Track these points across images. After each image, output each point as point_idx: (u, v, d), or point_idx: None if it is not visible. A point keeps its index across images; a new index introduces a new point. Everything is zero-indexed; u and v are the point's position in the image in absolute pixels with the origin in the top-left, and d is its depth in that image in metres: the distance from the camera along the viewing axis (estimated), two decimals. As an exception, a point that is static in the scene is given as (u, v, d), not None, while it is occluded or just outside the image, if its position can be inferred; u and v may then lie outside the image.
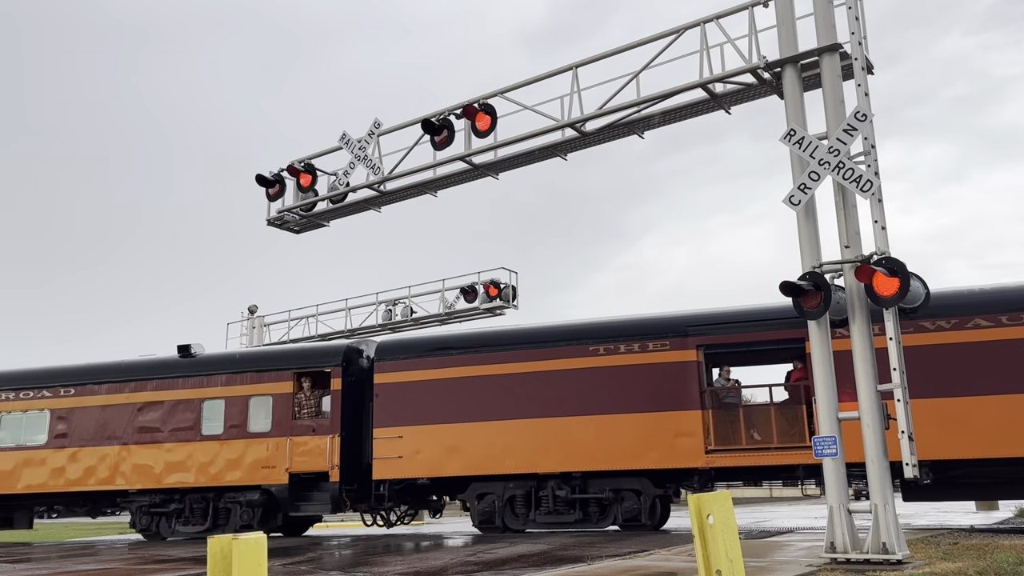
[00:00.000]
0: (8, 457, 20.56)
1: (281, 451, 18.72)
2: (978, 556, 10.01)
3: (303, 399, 19.09)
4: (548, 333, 18.07)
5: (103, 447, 20.04)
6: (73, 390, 20.75)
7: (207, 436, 19.43)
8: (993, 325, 14.78)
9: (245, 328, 30.18)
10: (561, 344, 17.57)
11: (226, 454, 19.20)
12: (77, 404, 20.62)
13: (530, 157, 14.60)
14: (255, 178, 16.47)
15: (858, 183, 10.10)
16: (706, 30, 12.34)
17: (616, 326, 17.56)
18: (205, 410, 19.67)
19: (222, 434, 19.39)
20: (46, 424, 20.55)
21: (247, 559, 4.74)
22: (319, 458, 18.40)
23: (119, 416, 20.21)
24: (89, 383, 20.70)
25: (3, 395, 21.16)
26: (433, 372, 18.34)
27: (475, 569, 11.52)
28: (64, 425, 20.44)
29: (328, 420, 18.70)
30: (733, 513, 6.90)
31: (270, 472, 18.77)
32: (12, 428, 20.86)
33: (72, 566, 14.26)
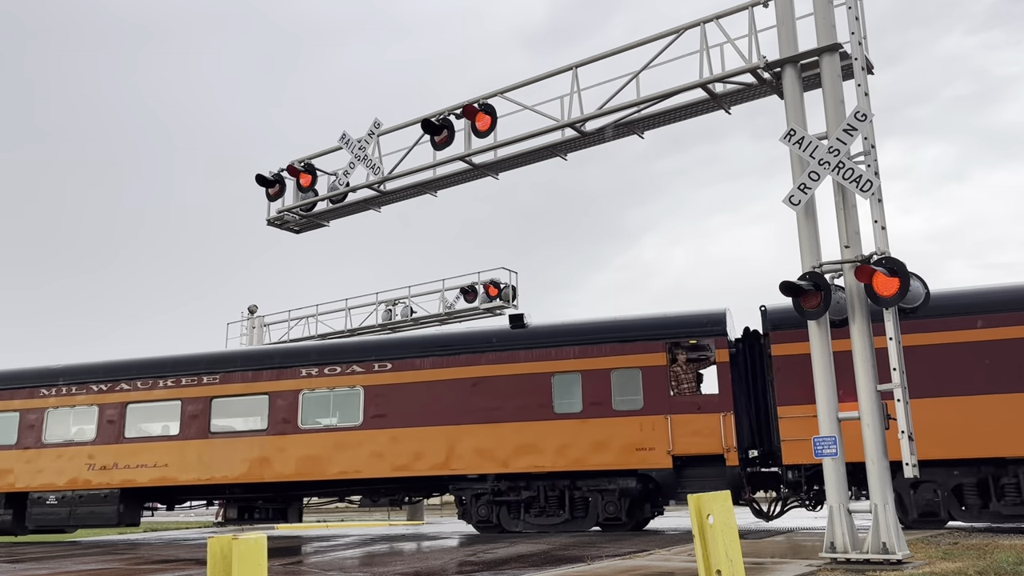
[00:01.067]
0: (318, 440, 18.57)
1: (660, 431, 16.63)
2: (978, 556, 10.01)
3: (679, 372, 17.13)
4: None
5: (431, 427, 17.84)
6: (389, 364, 18.58)
7: (562, 414, 17.22)
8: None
9: (245, 328, 30.21)
10: None
11: (588, 434, 16.96)
12: (396, 380, 18.49)
13: (530, 157, 14.61)
14: (255, 178, 16.48)
15: (858, 183, 10.10)
16: (706, 30, 12.35)
17: None
18: (556, 385, 17.57)
19: (581, 412, 17.17)
20: (359, 403, 18.51)
21: (247, 559, 4.74)
22: (710, 439, 16.36)
23: (449, 393, 18.06)
24: (410, 357, 18.61)
25: (305, 371, 19.18)
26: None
27: (475, 569, 11.52)
28: (381, 404, 18.34)
29: (717, 396, 16.68)
30: (733, 513, 6.91)
31: (647, 455, 16.56)
32: (317, 407, 19.01)
33: (72, 566, 14.26)
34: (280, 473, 18.58)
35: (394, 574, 11.25)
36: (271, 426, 18.85)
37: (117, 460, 19.72)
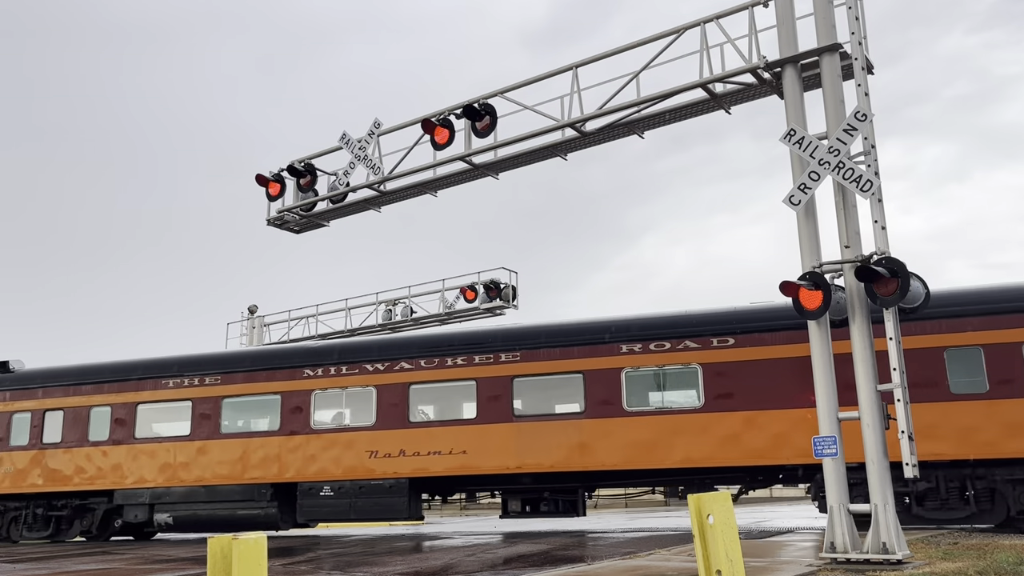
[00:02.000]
0: (651, 423, 16.29)
1: None
2: (978, 556, 10.01)
3: None
4: None
5: (794, 409, 15.20)
6: (731, 340, 16.15)
7: (960, 395, 14.59)
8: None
9: (245, 328, 30.19)
10: None
11: (997, 416, 14.29)
12: (740, 357, 16.17)
13: (530, 157, 14.61)
14: (255, 178, 16.48)
15: (858, 183, 10.10)
16: (706, 30, 12.35)
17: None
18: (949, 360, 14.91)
19: (987, 392, 14.49)
20: (699, 382, 16.27)
21: (247, 559, 4.74)
22: None
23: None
24: (758, 330, 16.07)
25: (626, 347, 16.80)
26: None
27: (475, 569, 11.52)
28: (724, 382, 16.07)
29: None
30: (733, 513, 6.91)
31: None
32: (642, 387, 16.75)
33: (72, 566, 14.26)
34: (602, 462, 16.41)
35: (394, 574, 11.25)
36: (589, 408, 16.64)
37: (404, 447, 17.65)
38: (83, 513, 20.32)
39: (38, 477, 20.35)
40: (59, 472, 20.24)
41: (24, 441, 20.80)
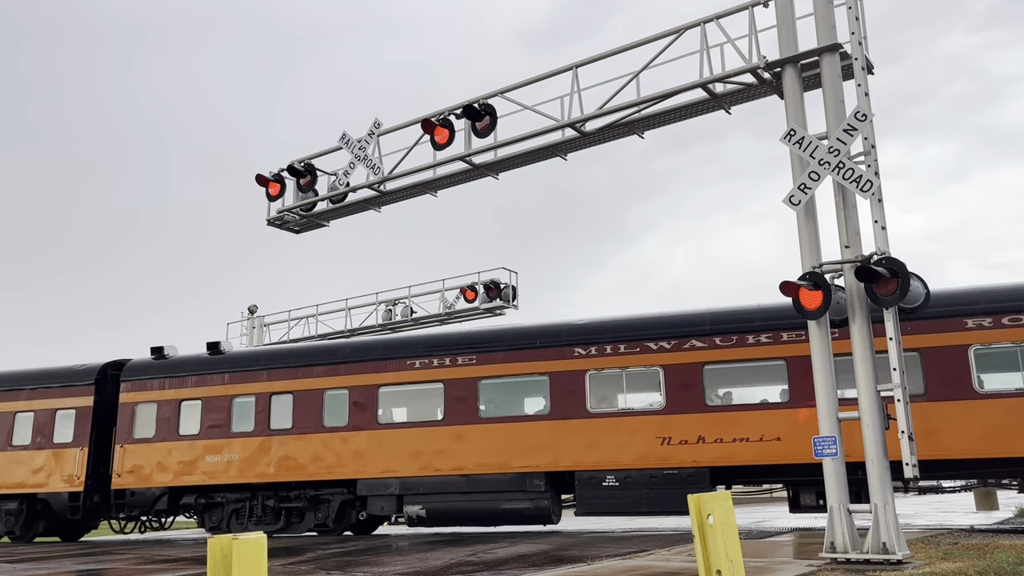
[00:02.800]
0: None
1: None
2: (978, 556, 10.01)
3: None
4: None
5: None
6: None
7: None
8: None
9: (245, 328, 30.19)
10: None
11: None
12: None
13: (530, 157, 14.61)
14: (255, 178, 16.49)
15: (858, 183, 10.10)
16: (706, 30, 12.35)
17: None
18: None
19: None
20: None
21: (247, 559, 4.74)
22: None
23: None
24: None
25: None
26: None
27: (475, 569, 11.52)
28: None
29: None
30: (733, 513, 6.90)
31: None
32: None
33: (72, 566, 14.26)
34: (950, 448, 14.34)
35: (394, 573, 11.25)
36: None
37: (702, 432, 16.08)
38: (317, 505, 18.97)
39: (268, 466, 19.01)
40: (292, 460, 18.87)
41: (249, 427, 19.48)
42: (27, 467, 21.01)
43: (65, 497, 20.59)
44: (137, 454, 20.22)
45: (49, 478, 20.74)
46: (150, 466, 20.00)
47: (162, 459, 19.96)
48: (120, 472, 20.17)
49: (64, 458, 20.78)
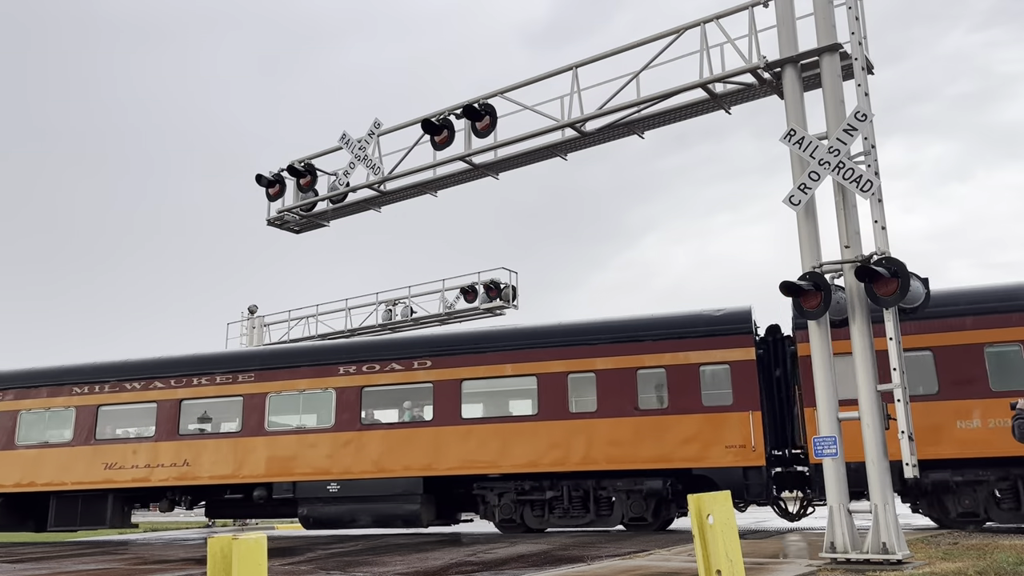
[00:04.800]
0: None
1: None
2: (978, 556, 10.01)
3: None
4: None
5: None
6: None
7: None
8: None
9: (245, 328, 30.20)
10: None
11: None
12: None
13: (530, 157, 14.61)
14: (255, 178, 16.50)
15: (858, 183, 10.10)
16: (706, 30, 12.35)
17: None
18: None
19: None
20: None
21: (247, 559, 4.74)
22: None
23: None
24: None
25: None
26: None
27: (475, 569, 11.52)
28: None
29: None
30: (733, 513, 6.91)
31: None
32: None
33: (72, 566, 14.25)
34: None
35: (394, 574, 11.25)
36: None
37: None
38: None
39: None
40: None
41: None
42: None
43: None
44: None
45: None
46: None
47: None
48: None
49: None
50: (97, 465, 19.62)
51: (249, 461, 18.67)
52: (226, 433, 19.35)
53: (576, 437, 16.67)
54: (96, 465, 19.63)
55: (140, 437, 19.75)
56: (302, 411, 19.16)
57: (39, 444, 20.35)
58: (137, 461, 19.35)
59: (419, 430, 17.79)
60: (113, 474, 19.47)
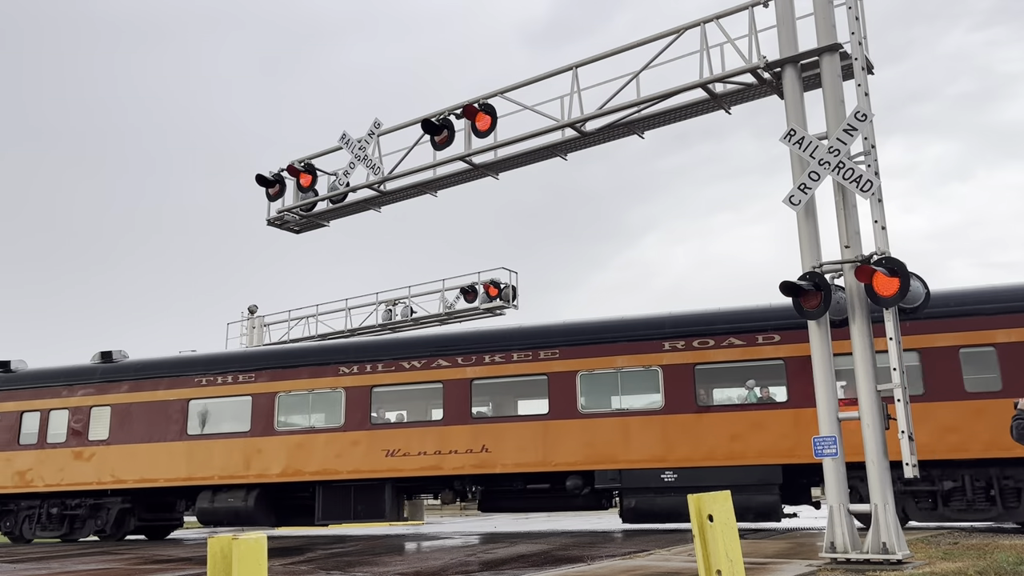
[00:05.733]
0: None
1: None
2: (978, 556, 10.01)
3: None
4: None
5: None
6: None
7: None
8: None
9: (245, 328, 30.19)
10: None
11: None
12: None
13: (530, 157, 14.61)
14: (255, 178, 16.49)
15: (858, 183, 10.10)
16: (706, 30, 12.35)
17: None
18: None
19: None
20: None
21: (247, 559, 4.74)
22: None
23: None
24: None
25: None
26: None
27: (475, 569, 11.52)
28: None
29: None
30: (733, 513, 6.90)
31: None
32: None
33: (72, 566, 14.26)
34: None
35: (394, 573, 11.25)
36: None
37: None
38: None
39: None
40: None
41: None
42: None
43: None
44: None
45: None
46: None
47: None
48: None
49: None
50: (376, 452, 17.78)
51: (562, 447, 16.68)
52: (531, 416, 17.43)
53: (974, 420, 14.55)
54: (375, 452, 17.79)
55: (425, 421, 18.14)
56: (621, 392, 17.06)
57: (303, 429, 18.80)
58: (424, 447, 17.49)
59: (773, 412, 15.75)
60: (396, 462, 17.60)
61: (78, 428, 20.45)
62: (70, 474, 20.17)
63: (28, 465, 20.59)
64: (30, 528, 20.59)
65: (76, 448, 20.32)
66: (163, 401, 20.01)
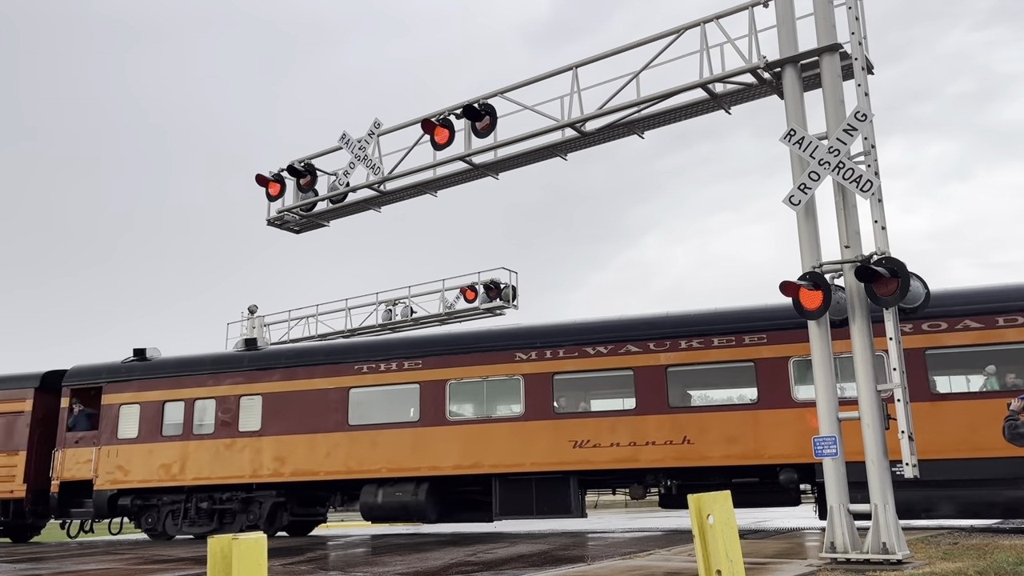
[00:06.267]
0: None
1: None
2: (978, 556, 10.01)
3: None
4: None
5: None
6: None
7: None
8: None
9: (245, 328, 30.16)
10: None
11: None
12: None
13: (530, 157, 14.61)
14: (255, 178, 16.49)
15: (858, 183, 10.10)
16: (706, 30, 12.35)
17: None
18: None
19: None
20: None
21: (247, 559, 4.74)
22: None
23: None
24: None
25: None
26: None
27: (475, 569, 11.52)
28: None
29: None
30: (733, 513, 6.90)
31: None
32: None
33: (72, 566, 14.26)
34: None
35: (394, 574, 11.25)
36: None
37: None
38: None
39: None
40: None
41: None
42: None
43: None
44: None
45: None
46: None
47: None
48: None
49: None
50: (562, 443, 16.59)
51: (775, 438, 15.32)
52: (738, 405, 16.27)
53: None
54: (560, 443, 16.61)
55: (616, 411, 16.90)
56: (841, 379, 14.67)
57: (479, 419, 17.76)
58: (616, 439, 16.24)
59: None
60: (585, 454, 16.36)
61: (227, 419, 19.69)
62: (220, 467, 19.35)
63: (172, 458, 19.86)
64: (174, 524, 19.80)
65: (226, 440, 19.53)
66: (321, 390, 19.00)
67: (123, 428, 20.55)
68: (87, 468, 20.39)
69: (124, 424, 20.58)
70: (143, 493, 20.16)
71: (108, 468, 20.27)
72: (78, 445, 20.72)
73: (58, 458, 20.68)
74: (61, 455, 20.68)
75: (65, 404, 21.19)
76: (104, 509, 20.26)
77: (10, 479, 20.91)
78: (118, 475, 20.18)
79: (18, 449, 21.06)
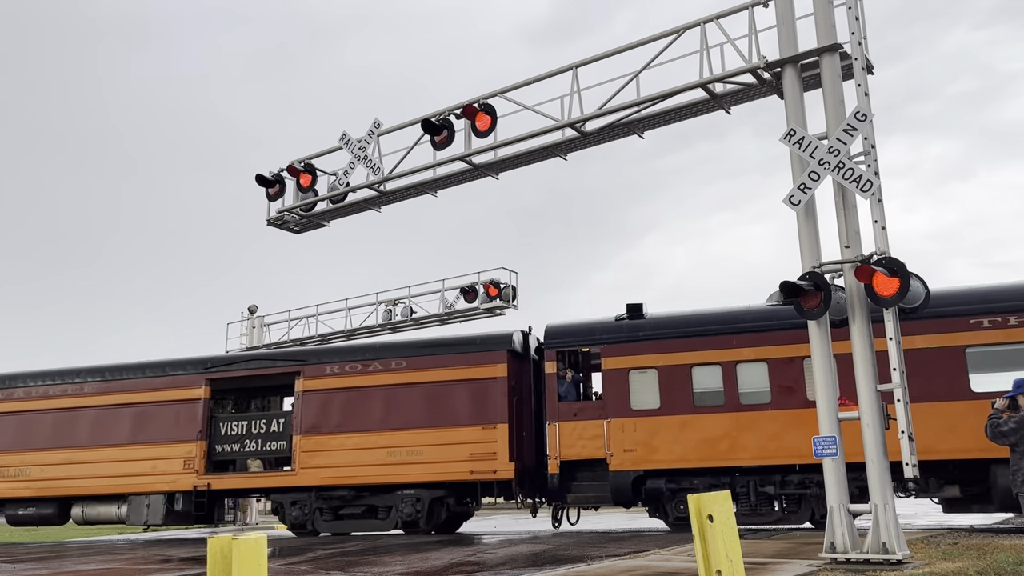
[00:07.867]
0: None
1: None
2: (978, 556, 10.01)
3: None
4: None
5: None
6: None
7: None
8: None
9: (245, 328, 30.21)
10: None
11: None
12: None
13: (530, 157, 14.62)
14: (255, 178, 16.50)
15: (858, 183, 10.10)
16: (706, 30, 12.35)
17: None
18: None
19: None
20: None
21: (247, 559, 4.74)
22: None
23: None
24: None
25: None
26: None
27: (475, 569, 11.52)
28: None
29: None
30: (733, 513, 6.90)
31: None
32: None
33: (72, 566, 14.26)
34: None
35: (394, 574, 11.25)
36: None
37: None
38: None
39: None
40: None
41: None
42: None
43: None
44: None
45: None
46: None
47: None
48: None
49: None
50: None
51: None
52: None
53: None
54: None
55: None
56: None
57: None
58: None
59: None
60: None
61: (788, 384, 16.21)
62: (777, 446, 16.07)
63: (719, 432, 16.42)
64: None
65: (791, 411, 16.02)
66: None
67: (637, 398, 17.30)
68: (592, 445, 17.27)
69: (639, 393, 17.33)
70: (675, 475, 16.82)
71: (627, 445, 17.02)
72: (576, 418, 17.66)
73: (554, 432, 17.66)
74: (557, 429, 17.66)
75: (551, 369, 18.17)
76: (626, 493, 17.02)
77: (490, 456, 18.07)
78: (641, 453, 16.95)
79: (494, 422, 18.27)
